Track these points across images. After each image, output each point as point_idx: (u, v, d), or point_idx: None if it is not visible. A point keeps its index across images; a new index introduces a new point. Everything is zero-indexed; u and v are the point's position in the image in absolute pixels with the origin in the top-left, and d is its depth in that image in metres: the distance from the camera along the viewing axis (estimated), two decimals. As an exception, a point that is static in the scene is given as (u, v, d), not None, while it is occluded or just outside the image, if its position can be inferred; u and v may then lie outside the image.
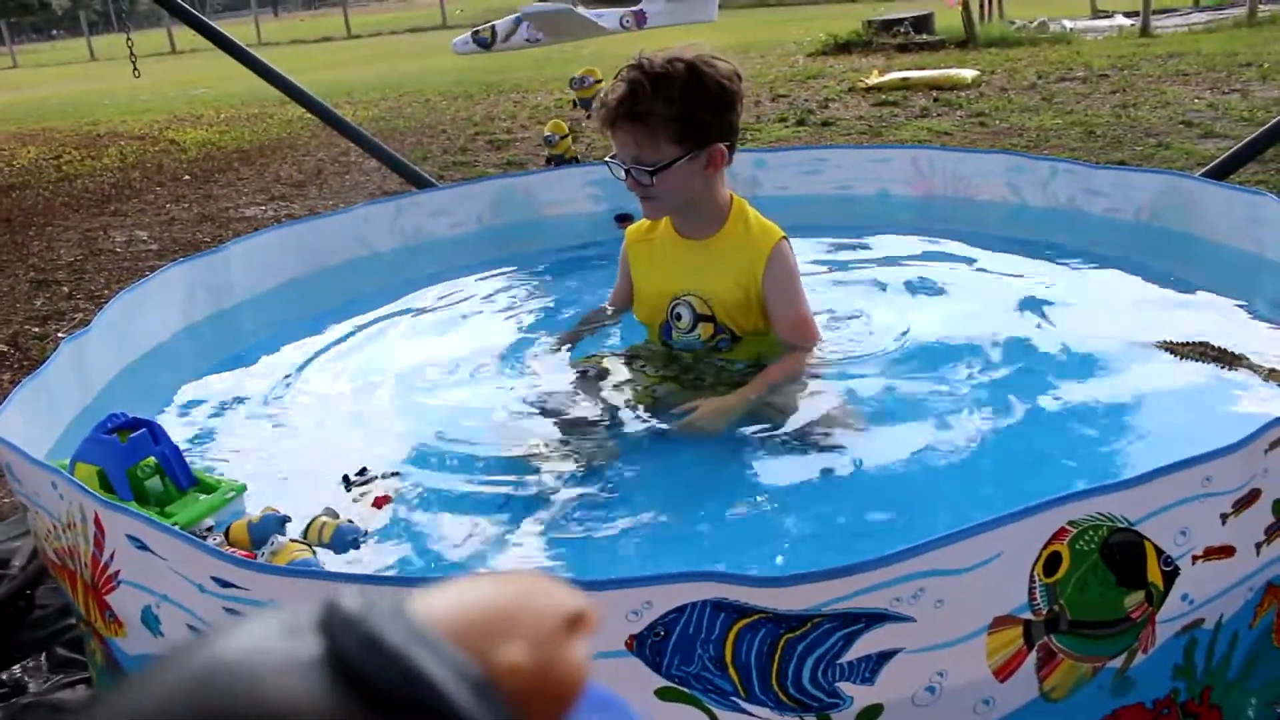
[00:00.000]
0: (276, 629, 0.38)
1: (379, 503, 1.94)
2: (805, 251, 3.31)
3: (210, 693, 0.34)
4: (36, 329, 4.56)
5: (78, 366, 2.46)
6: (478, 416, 2.32)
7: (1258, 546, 1.51)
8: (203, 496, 1.97)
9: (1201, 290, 2.79)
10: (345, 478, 2.06)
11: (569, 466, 2.06)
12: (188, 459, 2.06)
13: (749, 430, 2.12)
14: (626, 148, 2.23)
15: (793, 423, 2.13)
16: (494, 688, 0.39)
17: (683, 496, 1.97)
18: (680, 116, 2.17)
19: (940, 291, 2.92)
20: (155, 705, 0.35)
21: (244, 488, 2.01)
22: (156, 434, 1.98)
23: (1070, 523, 1.34)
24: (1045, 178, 3.50)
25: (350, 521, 1.86)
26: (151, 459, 1.98)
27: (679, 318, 2.36)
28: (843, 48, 12.95)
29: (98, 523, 1.63)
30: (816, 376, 2.29)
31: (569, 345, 2.57)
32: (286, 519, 1.86)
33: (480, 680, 0.38)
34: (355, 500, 1.98)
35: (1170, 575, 1.42)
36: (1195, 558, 1.43)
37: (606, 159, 2.33)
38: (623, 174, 2.27)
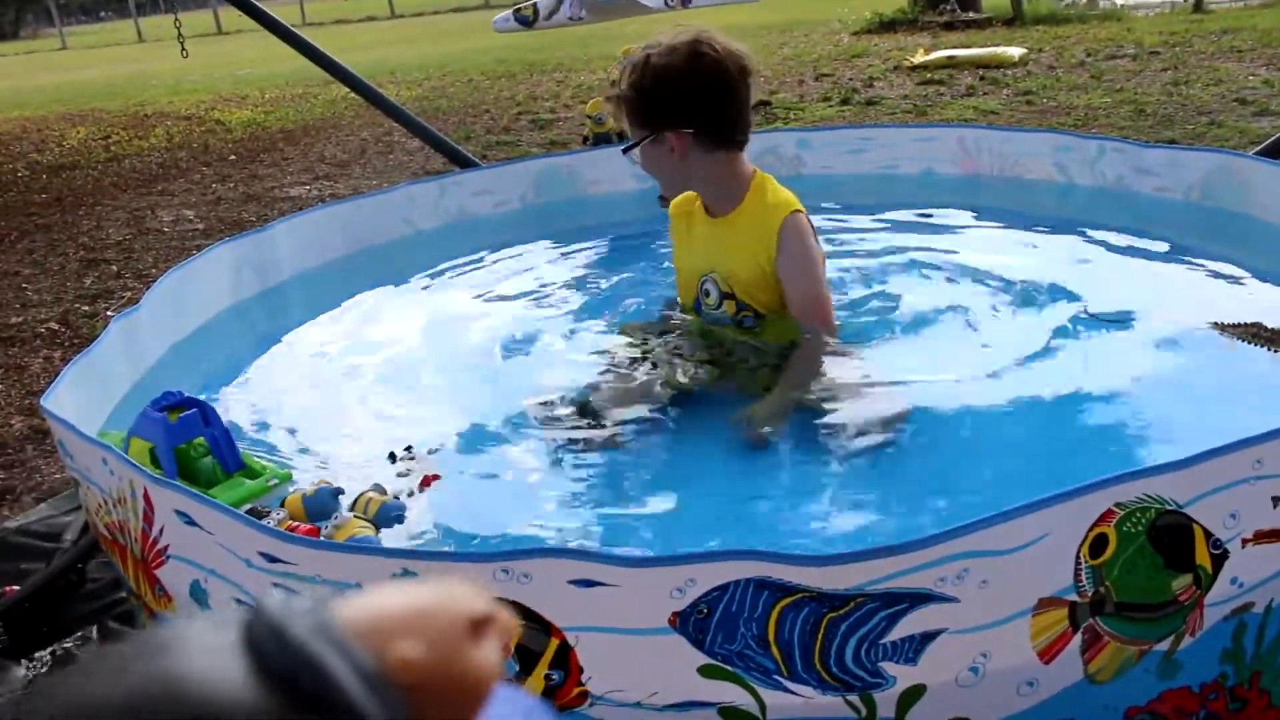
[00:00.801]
0: (210, 623, 0.44)
1: (426, 481, 1.95)
2: (848, 231, 3.29)
3: (140, 668, 0.40)
4: (86, 307, 4.62)
5: (128, 344, 2.50)
6: (521, 395, 2.33)
7: (1310, 530, 1.48)
8: (247, 481, 1.99)
9: (1255, 271, 2.74)
10: (391, 454, 2.07)
11: (613, 447, 2.06)
12: (236, 437, 2.08)
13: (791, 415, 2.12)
14: None
15: (835, 405, 2.12)
16: (387, 680, 0.43)
17: (726, 476, 1.97)
18: (637, 101, 2.26)
19: (986, 272, 2.89)
20: (93, 680, 0.40)
21: (289, 476, 2.03)
22: (208, 415, 2.00)
23: (1117, 504, 1.33)
24: (1093, 157, 3.45)
25: (396, 498, 1.87)
26: (202, 439, 2.00)
27: (707, 294, 2.39)
28: (888, 26, 12.81)
29: (147, 498, 1.65)
30: (859, 358, 2.28)
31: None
32: (340, 491, 1.88)
33: (374, 672, 0.43)
34: (401, 475, 1.99)
35: (1219, 558, 1.40)
36: (1245, 541, 1.42)
37: None
38: None
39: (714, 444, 2.06)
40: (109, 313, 4.39)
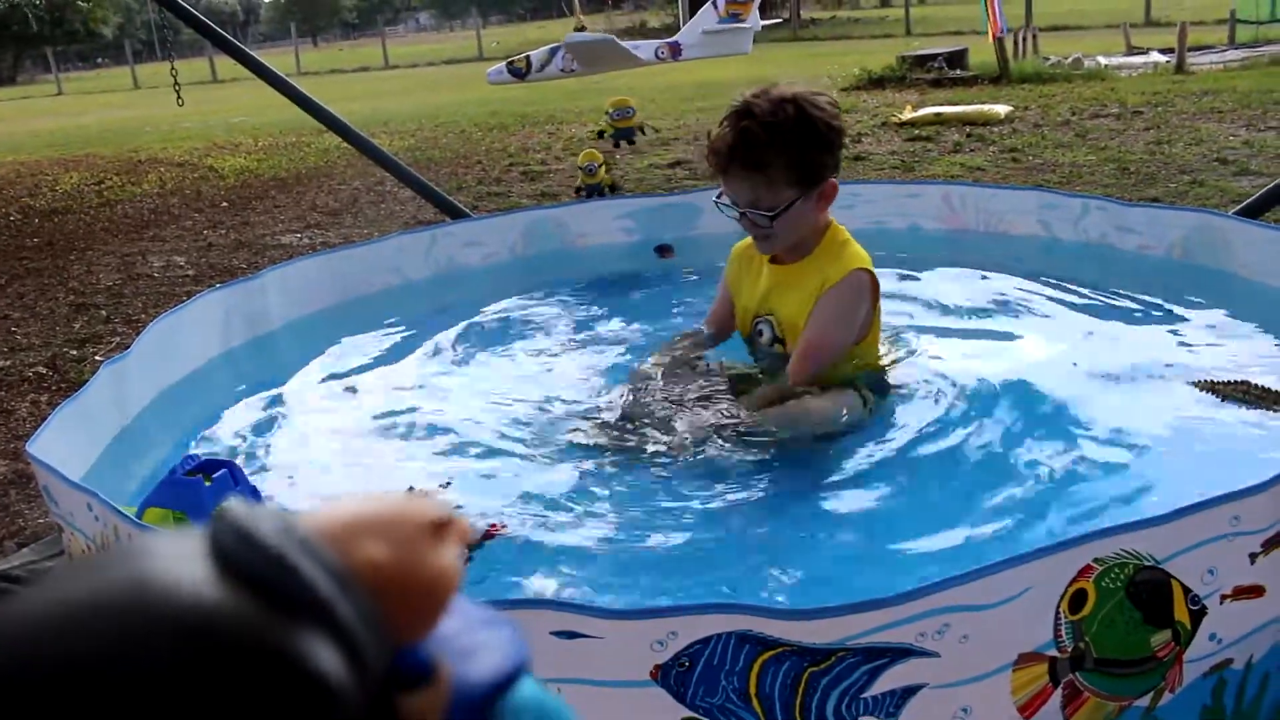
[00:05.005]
0: (176, 534, 0.44)
1: (493, 531, 1.92)
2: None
3: (104, 574, 0.40)
4: (74, 351, 4.62)
5: (116, 390, 2.50)
6: (511, 439, 2.34)
7: (1288, 588, 1.50)
8: None
9: (1238, 328, 2.77)
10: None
11: (597, 497, 2.07)
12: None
13: (775, 464, 2.13)
14: (742, 193, 2.28)
15: (817, 456, 2.13)
16: (355, 579, 0.44)
17: (710, 529, 1.97)
18: (796, 162, 2.23)
19: (970, 327, 2.92)
20: (58, 586, 0.40)
21: None
22: (235, 474, 1.98)
23: (1096, 560, 1.34)
24: (1077, 215, 3.50)
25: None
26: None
27: (760, 333, 2.44)
28: (876, 83, 12.97)
29: (132, 544, 1.65)
30: (845, 410, 2.29)
31: (656, 365, 2.54)
32: None
33: (340, 570, 0.43)
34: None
35: (1198, 614, 1.41)
36: (1224, 597, 1.43)
37: (715, 199, 2.38)
38: (735, 215, 2.32)
39: (703, 497, 2.07)
40: (97, 357, 4.39)
